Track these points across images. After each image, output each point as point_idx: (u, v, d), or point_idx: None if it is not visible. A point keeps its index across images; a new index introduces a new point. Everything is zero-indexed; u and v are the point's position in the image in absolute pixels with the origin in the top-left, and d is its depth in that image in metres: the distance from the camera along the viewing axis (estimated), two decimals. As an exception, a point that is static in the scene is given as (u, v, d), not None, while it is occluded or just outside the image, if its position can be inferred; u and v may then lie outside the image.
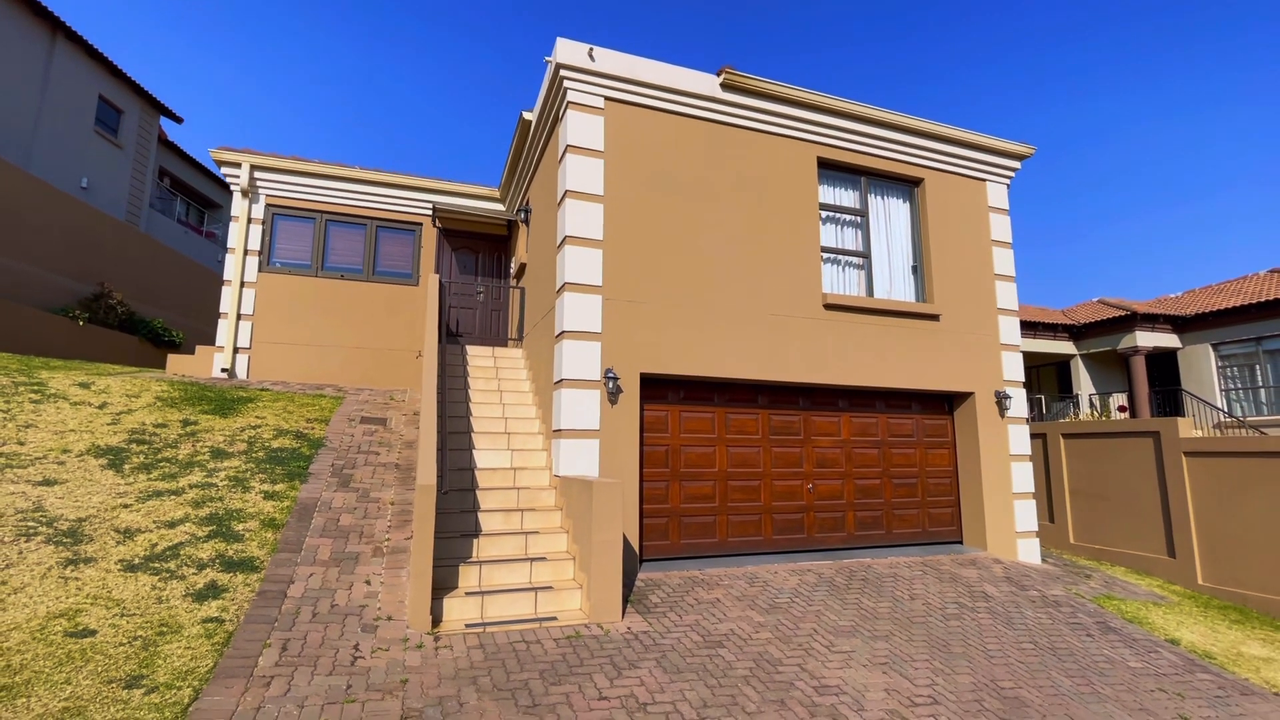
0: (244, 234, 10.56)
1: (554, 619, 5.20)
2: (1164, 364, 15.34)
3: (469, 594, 5.25)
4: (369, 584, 5.19)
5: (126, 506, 5.65)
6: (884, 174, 8.78)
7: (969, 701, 4.50)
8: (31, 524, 5.16)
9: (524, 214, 9.68)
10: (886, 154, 8.64)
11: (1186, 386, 14.35)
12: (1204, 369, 14.22)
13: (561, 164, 7.16)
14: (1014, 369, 8.86)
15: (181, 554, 5.11)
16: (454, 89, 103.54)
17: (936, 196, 8.88)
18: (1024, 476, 8.57)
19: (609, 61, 7.14)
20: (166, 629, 4.24)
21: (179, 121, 16.60)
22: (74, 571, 4.70)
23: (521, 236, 10.19)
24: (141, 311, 13.54)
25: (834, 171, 8.54)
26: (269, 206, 10.84)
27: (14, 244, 11.00)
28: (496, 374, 8.70)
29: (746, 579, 6.53)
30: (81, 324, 11.50)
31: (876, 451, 8.34)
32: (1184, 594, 8.33)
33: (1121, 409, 14.25)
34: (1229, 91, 68.14)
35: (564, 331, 6.70)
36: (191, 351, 12.91)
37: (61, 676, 3.65)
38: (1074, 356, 15.75)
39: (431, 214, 11.12)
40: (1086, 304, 17.24)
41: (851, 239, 8.62)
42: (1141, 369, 14.06)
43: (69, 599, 4.40)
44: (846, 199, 8.66)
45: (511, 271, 11.12)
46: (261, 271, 10.64)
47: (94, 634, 4.08)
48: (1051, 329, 15.48)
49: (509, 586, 5.49)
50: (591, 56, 7.05)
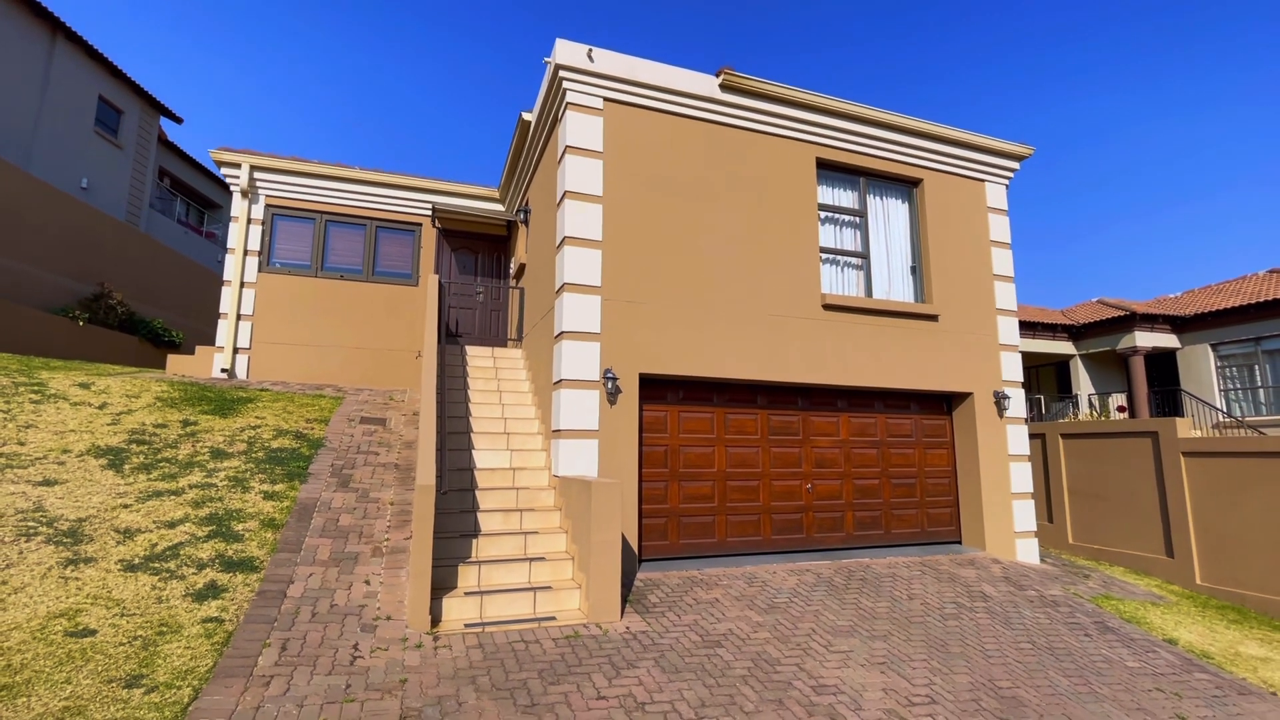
0: (244, 234, 10.58)
1: (553, 619, 5.21)
2: (1163, 364, 15.35)
3: (468, 594, 5.26)
4: (368, 584, 5.20)
5: (126, 507, 5.66)
6: (883, 174, 8.79)
7: (966, 701, 4.51)
8: (32, 524, 5.18)
9: (523, 214, 9.70)
10: (885, 154, 8.65)
11: (1186, 387, 14.36)
12: (1203, 369, 14.24)
13: (561, 164, 7.17)
14: (1013, 369, 8.87)
15: (181, 554, 5.13)
16: (454, 89, 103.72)
17: (935, 197, 8.89)
18: (1022, 476, 8.58)
19: (608, 62, 7.15)
20: (166, 629, 4.25)
21: (179, 122, 16.63)
22: (74, 571, 4.71)
23: (521, 237, 10.20)
24: (141, 312, 13.56)
25: (833, 172, 8.56)
26: (269, 207, 10.85)
27: (14, 244, 11.02)
28: (496, 374, 8.72)
29: (745, 579, 6.54)
30: (81, 324, 11.52)
31: (875, 451, 8.36)
32: (1182, 594, 8.34)
33: (1121, 409, 14.27)
34: (1229, 91, 68.24)
35: (563, 332, 6.71)
36: (191, 352, 12.92)
37: (62, 676, 3.66)
38: (1073, 357, 15.76)
39: (431, 214, 11.13)
40: (1086, 304, 17.25)
41: (850, 239, 8.63)
42: (1141, 369, 14.08)
43: (69, 599, 4.41)
44: (845, 199, 8.67)
45: (511, 272, 11.13)
46: (261, 272, 10.65)
47: (94, 634, 4.09)
48: (1051, 329, 15.49)
49: (508, 586, 5.51)
50: (590, 57, 7.06)
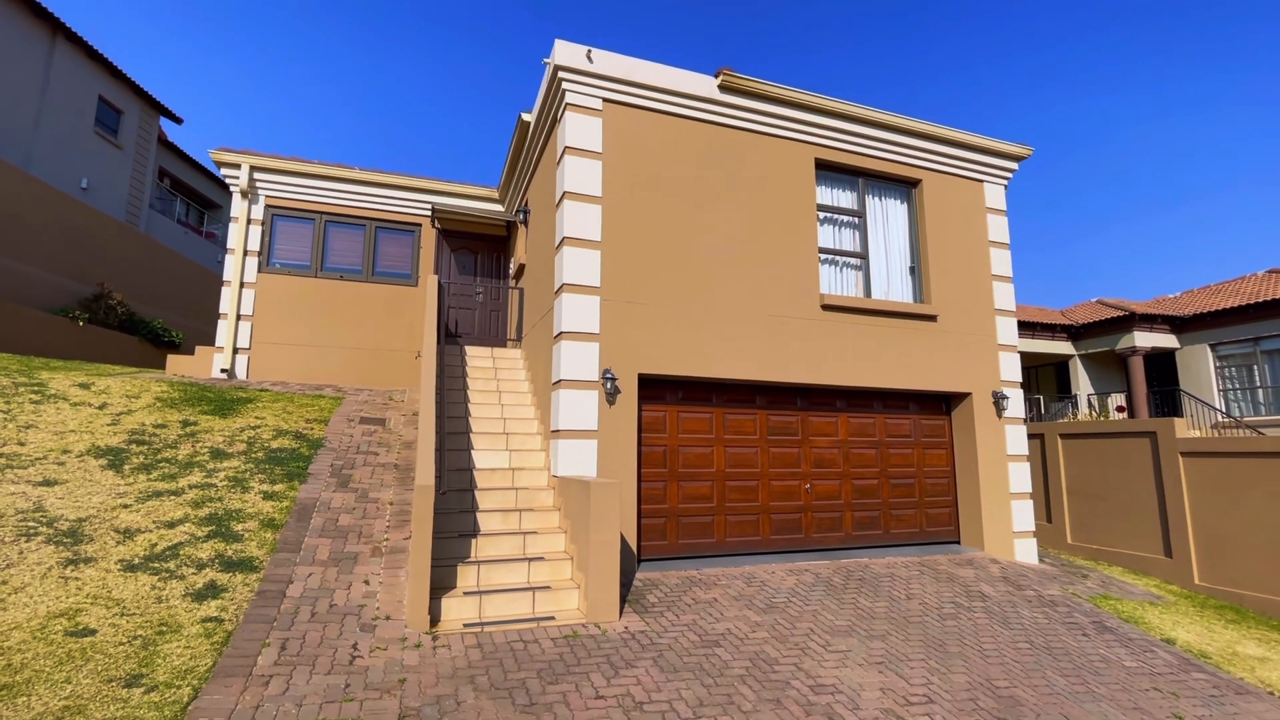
0: (243, 235, 10.59)
1: (552, 618, 5.22)
2: (1162, 364, 15.36)
3: (467, 594, 5.28)
4: (368, 584, 5.21)
5: (126, 507, 5.68)
6: (882, 175, 8.80)
7: (964, 700, 4.53)
8: (32, 524, 5.19)
9: (523, 215, 9.71)
10: (884, 155, 8.66)
11: (1185, 387, 14.37)
12: (1202, 369, 14.25)
13: (560, 165, 7.19)
14: (1011, 369, 8.88)
15: (181, 554, 5.14)
16: (454, 89, 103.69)
17: (934, 197, 8.90)
18: (1021, 477, 8.59)
19: (607, 63, 7.16)
20: (166, 628, 4.26)
21: (179, 122, 16.64)
22: (74, 571, 4.72)
23: (520, 237, 10.21)
24: (141, 312, 13.57)
25: (832, 172, 8.57)
26: (268, 207, 10.87)
27: (14, 245, 11.03)
28: (495, 374, 8.73)
29: (744, 579, 6.56)
30: (81, 324, 11.53)
31: (874, 452, 8.37)
32: (1180, 594, 8.36)
33: (1120, 409, 14.27)
34: (1229, 92, 68.27)
35: (562, 332, 6.72)
36: (191, 352, 12.93)
37: (62, 675, 3.68)
38: (1072, 357, 15.77)
39: (430, 215, 11.15)
40: (1085, 304, 17.25)
41: (849, 240, 8.65)
42: (1140, 369, 14.09)
43: (69, 599, 4.42)
44: (844, 200, 8.68)
45: (510, 272, 11.15)
46: (261, 272, 10.67)
47: (94, 633, 4.10)
48: (1050, 329, 15.51)
49: (507, 586, 5.52)
50: (590, 58, 7.07)
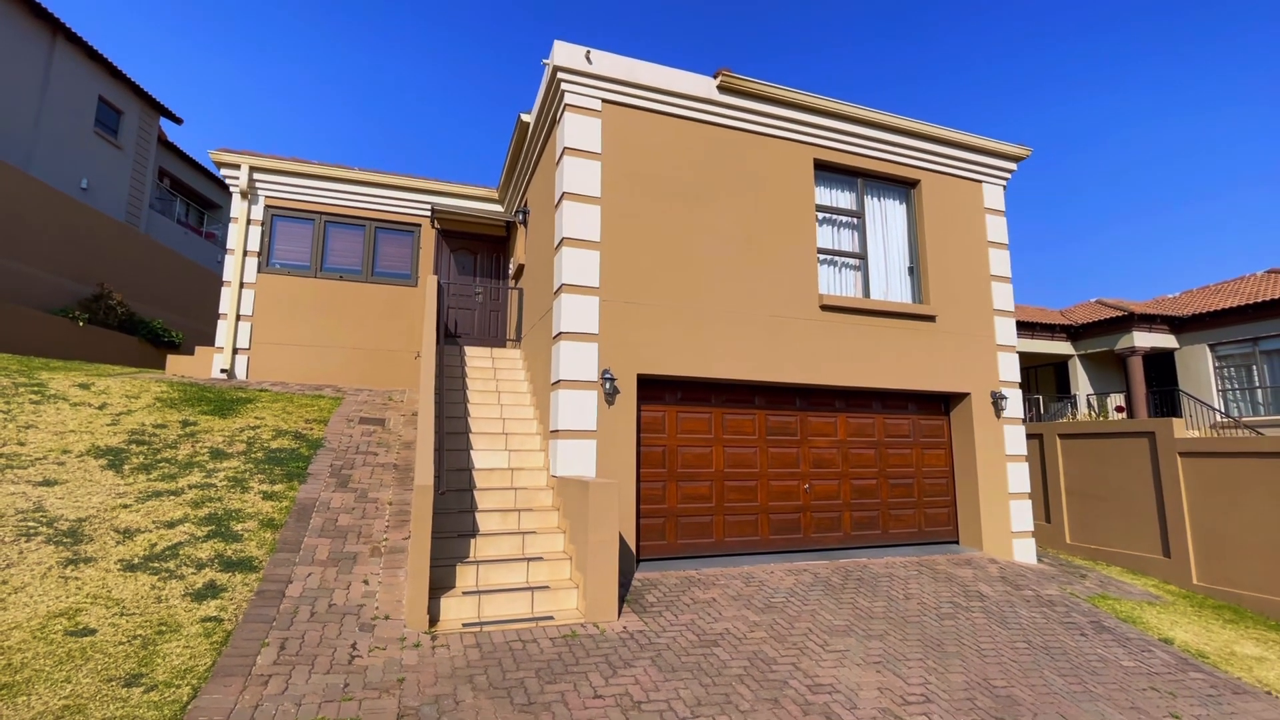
0: (243, 235, 10.61)
1: (550, 618, 5.24)
2: (1162, 364, 15.37)
3: (466, 593, 5.29)
4: (367, 584, 5.23)
5: (126, 507, 5.69)
6: (880, 175, 8.81)
7: (961, 700, 4.54)
8: (32, 524, 5.20)
9: (522, 215, 9.72)
10: (883, 155, 8.68)
11: (1184, 387, 14.38)
12: (1201, 369, 14.26)
13: (559, 166, 7.20)
14: (1010, 370, 8.90)
15: (181, 554, 5.15)
16: (453, 89, 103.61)
17: (933, 198, 8.92)
18: (1020, 477, 8.61)
19: (606, 64, 7.17)
20: (166, 628, 4.28)
21: (179, 122, 16.66)
22: (74, 571, 4.74)
23: (520, 238, 10.22)
24: (141, 312, 13.59)
25: (831, 173, 8.58)
26: (268, 208, 10.88)
27: (14, 245, 11.05)
28: (494, 375, 8.74)
29: (743, 579, 6.57)
30: (81, 325, 11.54)
31: (873, 452, 8.38)
32: (1179, 594, 8.37)
33: (1119, 409, 14.29)
34: (1229, 92, 68.27)
35: (561, 332, 6.74)
36: (191, 352, 12.94)
37: (62, 675, 3.69)
38: (1072, 357, 15.78)
39: (430, 215, 11.16)
40: (1084, 304, 17.26)
41: (848, 240, 8.66)
42: (1139, 369, 14.10)
43: (69, 598, 4.43)
44: (843, 200, 8.69)
45: (510, 272, 11.16)
46: (261, 272, 10.68)
47: (94, 633, 4.11)
48: (1049, 329, 15.52)
49: (506, 586, 5.53)
50: (589, 59, 7.08)
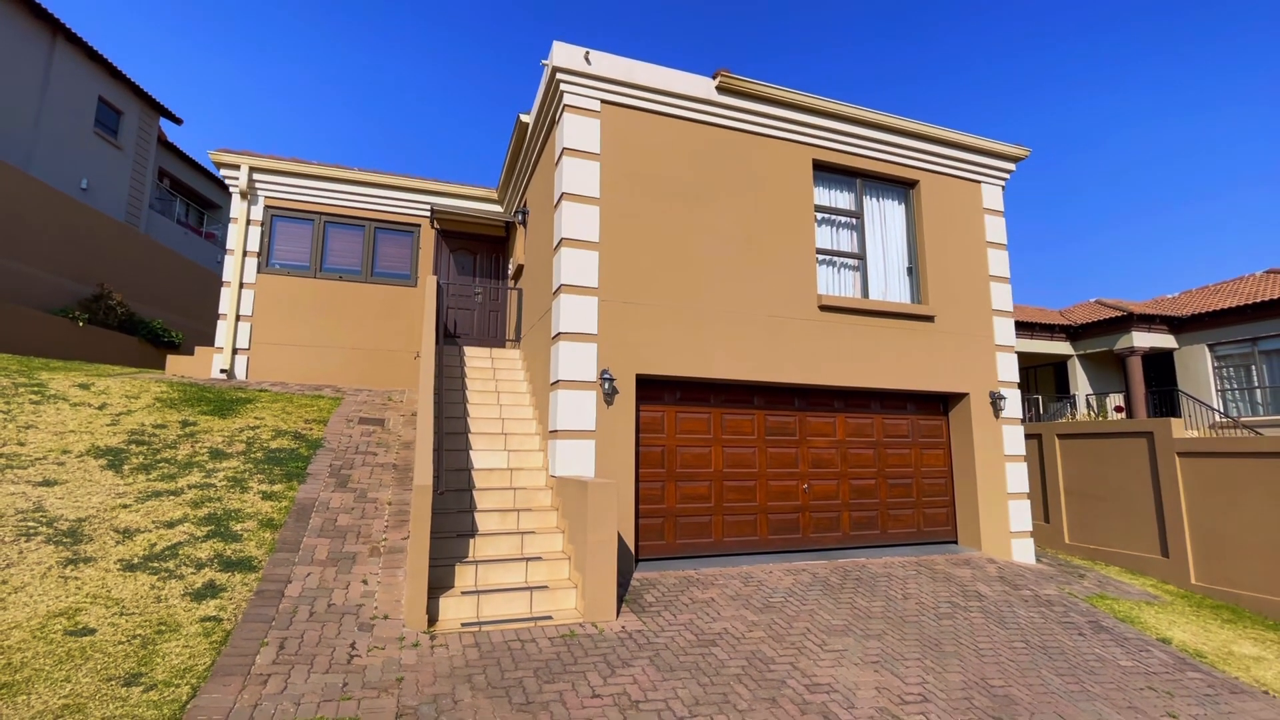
0: (243, 235, 10.62)
1: (549, 618, 5.25)
2: (1161, 364, 15.38)
3: (465, 593, 5.30)
4: (366, 583, 5.24)
5: (126, 507, 5.70)
6: (879, 176, 8.82)
7: (958, 699, 4.55)
8: (32, 524, 5.21)
9: (521, 215, 9.73)
10: (882, 156, 8.69)
11: (1183, 387, 14.39)
12: (1200, 369, 14.27)
13: (558, 167, 7.21)
14: (1009, 370, 8.91)
15: (180, 554, 5.17)
16: (453, 89, 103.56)
17: (931, 198, 8.93)
18: (1018, 477, 8.62)
19: (605, 65, 7.18)
20: (165, 628, 4.29)
21: (178, 122, 16.67)
22: (74, 571, 4.75)
23: (519, 238, 10.23)
24: (141, 312, 13.60)
25: (829, 173, 8.59)
26: (268, 208, 10.89)
27: (14, 245, 11.06)
28: (494, 375, 8.75)
29: (741, 579, 6.58)
30: (81, 325, 11.55)
31: (872, 452, 8.39)
32: (1177, 593, 8.38)
33: (1118, 409, 14.30)
34: (1229, 92, 68.27)
35: (560, 333, 6.75)
36: (191, 352, 12.96)
37: (61, 674, 3.70)
38: (1071, 357, 15.79)
39: (429, 215, 11.17)
40: (1083, 304, 17.27)
41: (847, 240, 8.67)
42: (1138, 369, 14.11)
43: (69, 598, 4.45)
44: (842, 201, 8.71)
45: (509, 273, 11.17)
46: (260, 272, 10.69)
47: (93, 632, 4.13)
48: (1049, 329, 15.53)
49: (505, 586, 5.54)
50: (588, 60, 7.09)
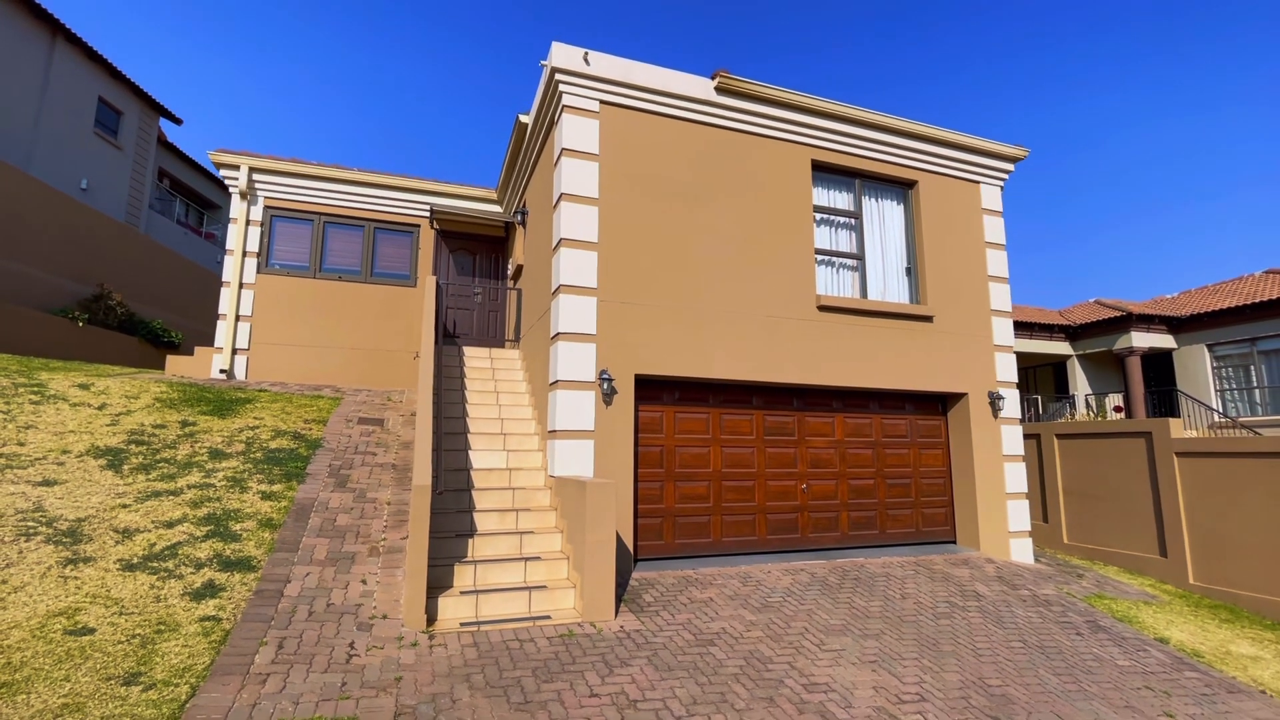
0: (243, 235, 10.63)
1: (547, 618, 5.26)
2: (1160, 364, 15.39)
3: (464, 593, 5.31)
4: (365, 583, 5.25)
5: (125, 507, 5.71)
6: (878, 176, 8.83)
7: (956, 699, 4.56)
8: (31, 524, 5.23)
9: (521, 216, 9.74)
10: (880, 156, 8.70)
11: (1182, 387, 14.40)
12: (1199, 369, 14.28)
13: (557, 167, 7.22)
14: (1007, 370, 8.92)
15: (180, 554, 5.18)
16: (453, 89, 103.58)
17: (930, 198, 8.94)
18: (1017, 477, 8.63)
19: (604, 65, 7.19)
20: (164, 627, 4.30)
21: (178, 123, 16.68)
22: (73, 571, 4.76)
23: (518, 238, 10.24)
24: (141, 312, 13.60)
25: (828, 174, 8.60)
26: (267, 208, 10.90)
27: (14, 245, 11.06)
28: (493, 375, 8.76)
29: (740, 578, 6.59)
30: (81, 325, 11.56)
31: (870, 452, 8.40)
32: (1175, 593, 8.39)
33: (1117, 409, 14.31)
34: (1228, 93, 68.28)
35: (559, 333, 6.76)
36: (190, 352, 12.97)
37: (61, 673, 3.71)
38: (1070, 357, 15.81)
39: (429, 215, 11.18)
40: (1083, 305, 17.28)
41: (845, 241, 8.68)
42: (1137, 369, 14.12)
43: (68, 598, 4.46)
44: (841, 201, 8.72)
45: (509, 273, 11.18)
46: (260, 273, 10.70)
47: (93, 632, 4.14)
48: (1048, 329, 15.54)
49: (503, 586, 5.55)
50: (587, 61, 7.10)
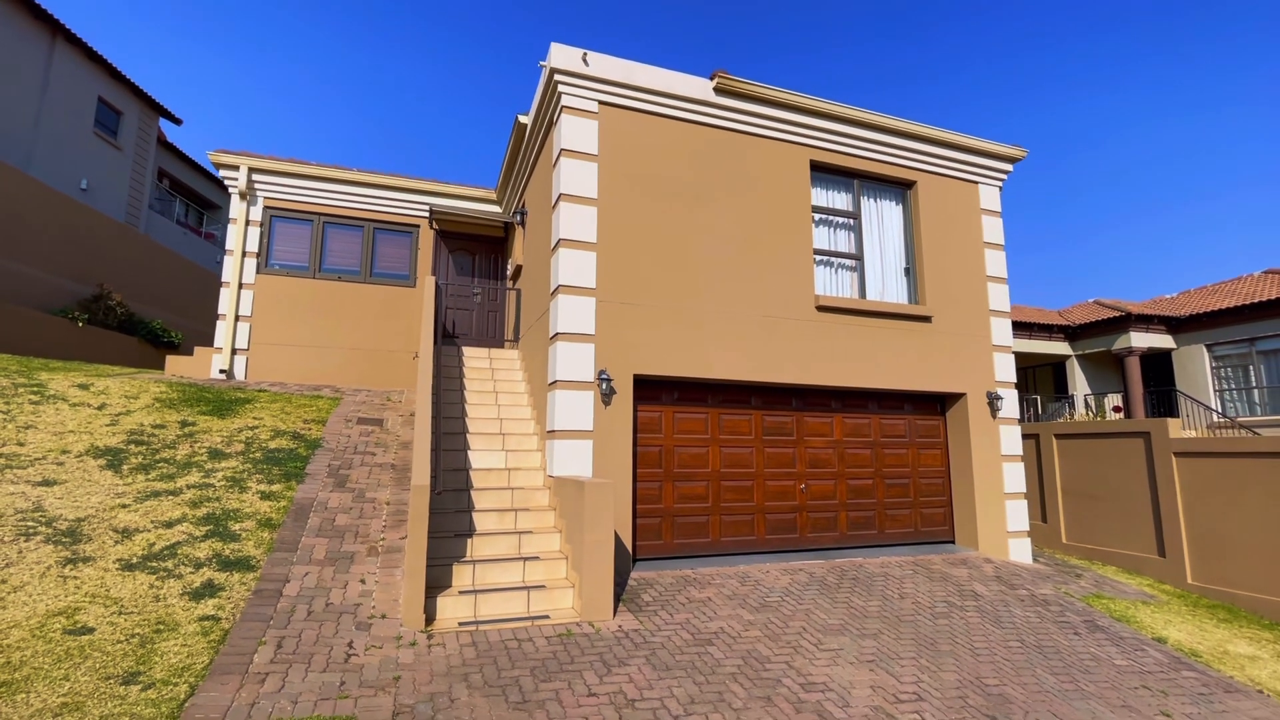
0: (242, 236, 10.64)
1: (546, 617, 5.27)
2: (1159, 364, 15.40)
3: (463, 593, 5.32)
4: (364, 583, 5.26)
5: (125, 506, 5.72)
6: (877, 176, 8.84)
7: (953, 698, 4.57)
8: (31, 524, 5.24)
9: (520, 216, 9.75)
10: (879, 156, 8.71)
11: (1181, 387, 14.41)
12: (1198, 370, 14.29)
13: (556, 168, 7.23)
14: (1006, 370, 8.93)
15: (179, 553, 5.19)
16: (453, 89, 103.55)
17: (929, 199, 8.95)
18: (1016, 477, 8.64)
19: (603, 66, 7.20)
20: (164, 627, 4.31)
21: (178, 123, 16.68)
22: (73, 570, 4.77)
23: (518, 238, 10.26)
24: (140, 312, 13.61)
25: (827, 174, 8.61)
26: (267, 208, 10.91)
27: (14, 245, 11.07)
28: (492, 375, 8.77)
29: (738, 578, 6.60)
30: (81, 325, 11.57)
31: (869, 452, 8.41)
32: (1173, 593, 8.40)
33: (1117, 409, 14.32)
34: (1228, 93, 68.29)
35: (558, 333, 6.77)
36: (190, 352, 12.97)
37: (60, 673, 3.72)
38: (1070, 357, 15.82)
39: (428, 216, 11.19)
40: (1082, 305, 17.29)
41: (844, 241, 8.69)
42: (1136, 369, 14.13)
43: (68, 597, 4.47)
44: (839, 201, 8.73)
45: (508, 273, 11.19)
46: (259, 273, 10.71)
47: (92, 631, 4.15)
48: (1047, 330, 15.55)
49: (502, 585, 5.56)
50: (586, 61, 7.11)
